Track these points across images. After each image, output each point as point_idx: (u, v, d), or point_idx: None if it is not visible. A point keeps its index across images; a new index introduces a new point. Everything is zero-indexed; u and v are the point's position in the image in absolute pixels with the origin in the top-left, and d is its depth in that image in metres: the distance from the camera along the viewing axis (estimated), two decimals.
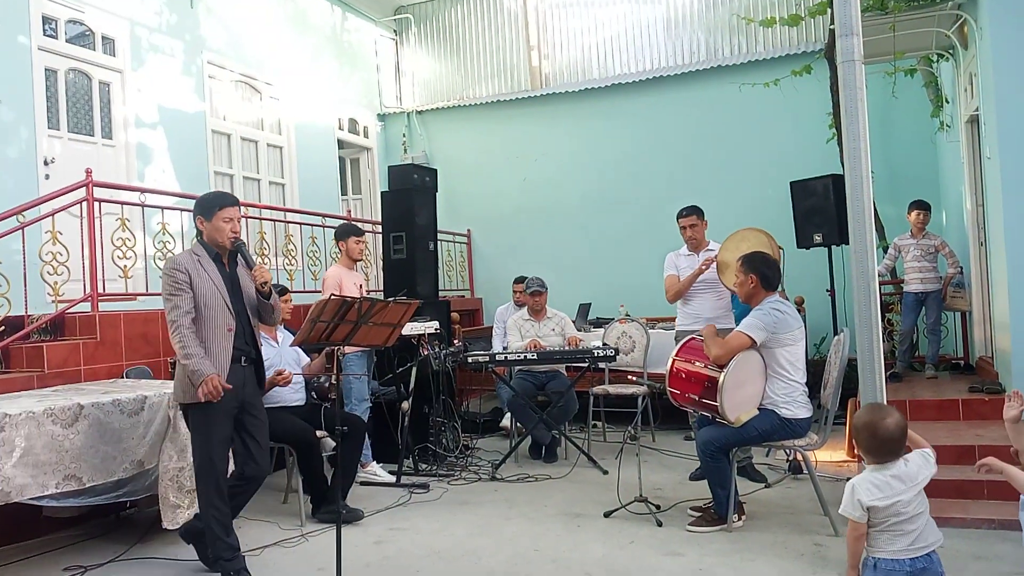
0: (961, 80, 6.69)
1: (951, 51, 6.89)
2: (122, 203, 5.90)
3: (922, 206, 6.78)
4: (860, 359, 3.58)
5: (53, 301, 5.24)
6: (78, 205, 5.42)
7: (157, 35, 7.64)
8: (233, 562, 3.76)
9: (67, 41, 6.79)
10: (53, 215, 5.22)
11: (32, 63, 6.39)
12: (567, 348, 6.40)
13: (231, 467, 3.94)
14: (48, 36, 6.59)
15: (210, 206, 3.76)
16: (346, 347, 3.49)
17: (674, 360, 4.62)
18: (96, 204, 5.47)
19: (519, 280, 7.78)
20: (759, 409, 4.37)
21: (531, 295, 6.69)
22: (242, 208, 7.20)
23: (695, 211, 5.68)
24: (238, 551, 3.82)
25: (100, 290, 5.45)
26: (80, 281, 5.48)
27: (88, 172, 5.47)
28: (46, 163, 6.43)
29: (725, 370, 4.26)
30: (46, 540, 4.57)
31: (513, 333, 6.74)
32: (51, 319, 5.20)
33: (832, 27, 6.08)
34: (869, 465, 2.62)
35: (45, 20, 6.57)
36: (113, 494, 4.27)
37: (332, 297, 3.12)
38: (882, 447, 2.60)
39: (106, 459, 4.06)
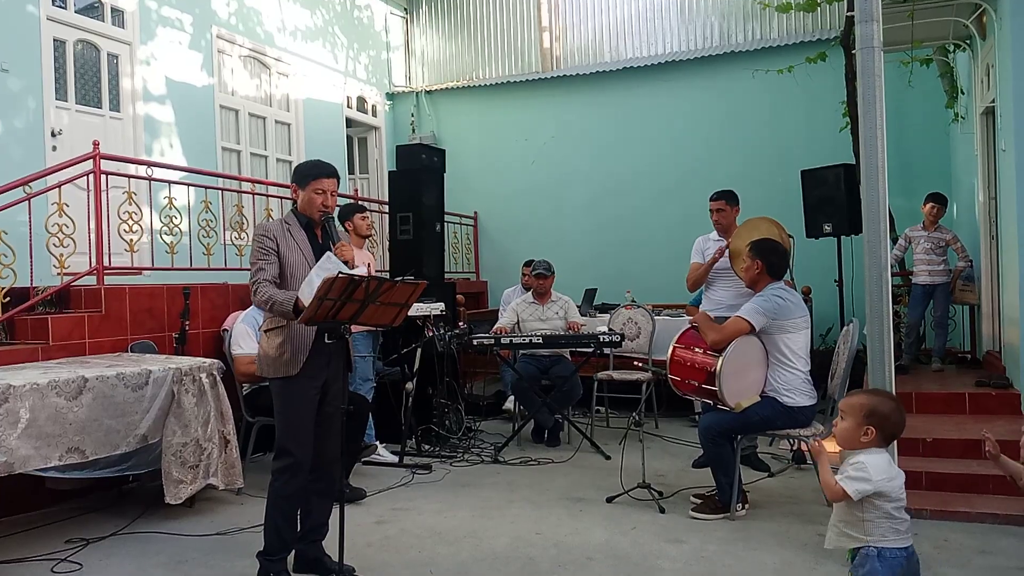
0: (978, 71, 6.61)
1: (968, 41, 6.81)
2: (129, 176, 5.88)
3: (938, 199, 6.71)
4: (870, 350, 3.55)
5: (59, 273, 5.23)
6: (85, 177, 5.39)
7: (166, 8, 7.58)
8: (276, 562, 3.54)
9: (76, 12, 6.74)
10: (60, 187, 5.18)
11: (40, 33, 6.35)
12: (569, 333, 6.39)
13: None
14: (57, 6, 6.54)
15: (305, 175, 3.61)
16: (352, 326, 3.43)
17: (675, 347, 4.60)
18: (103, 177, 5.43)
19: (528, 263, 7.75)
20: (760, 396, 4.35)
21: (536, 277, 6.67)
22: (248, 184, 7.25)
23: (723, 195, 5.53)
24: (286, 551, 3.57)
25: (106, 263, 5.44)
26: (86, 254, 5.47)
27: (95, 144, 5.43)
28: (53, 134, 6.40)
29: (723, 356, 4.24)
30: (48, 512, 4.58)
31: (510, 315, 6.72)
32: (56, 291, 5.19)
33: (849, 14, 6.00)
34: (868, 448, 2.56)
35: None
36: (116, 468, 4.27)
37: (340, 275, 3.09)
38: (901, 430, 2.61)
39: (109, 433, 4.05)
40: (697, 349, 4.47)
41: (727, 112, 9.34)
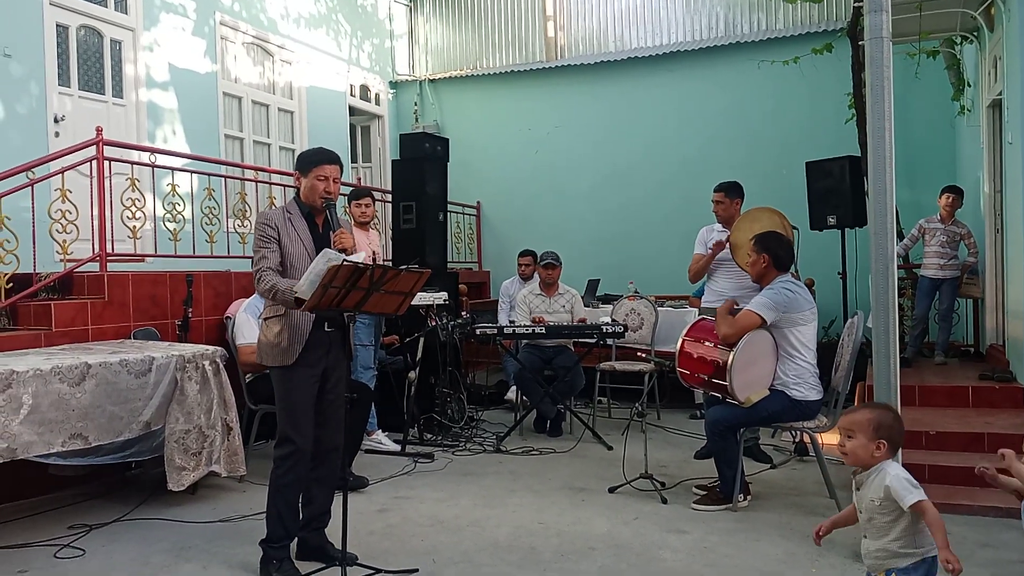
0: (985, 63, 6.57)
1: (976, 33, 6.77)
2: (132, 163, 5.86)
3: (955, 190, 6.65)
4: (875, 343, 3.55)
5: (61, 259, 5.22)
6: (88, 164, 5.38)
7: None
8: (279, 549, 3.51)
9: None
10: (63, 173, 5.16)
11: (43, 18, 6.33)
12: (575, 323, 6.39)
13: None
14: None
15: (307, 162, 3.60)
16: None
17: (684, 340, 4.59)
18: (106, 163, 5.41)
19: (524, 253, 7.73)
20: (769, 390, 4.34)
21: (544, 267, 6.66)
22: (251, 172, 7.22)
23: (723, 187, 5.47)
24: (288, 539, 3.56)
25: (109, 250, 5.42)
26: (89, 240, 5.45)
27: (98, 131, 5.41)
28: (56, 120, 6.38)
29: (734, 350, 4.23)
30: (51, 498, 4.59)
31: (522, 308, 6.70)
32: (59, 277, 5.18)
33: (857, 4, 5.98)
34: (885, 461, 2.57)
35: None
36: (120, 454, 4.28)
37: (344, 263, 3.08)
38: (903, 438, 2.63)
39: (112, 419, 4.05)
40: (707, 342, 4.45)
41: (731, 103, 9.30)
